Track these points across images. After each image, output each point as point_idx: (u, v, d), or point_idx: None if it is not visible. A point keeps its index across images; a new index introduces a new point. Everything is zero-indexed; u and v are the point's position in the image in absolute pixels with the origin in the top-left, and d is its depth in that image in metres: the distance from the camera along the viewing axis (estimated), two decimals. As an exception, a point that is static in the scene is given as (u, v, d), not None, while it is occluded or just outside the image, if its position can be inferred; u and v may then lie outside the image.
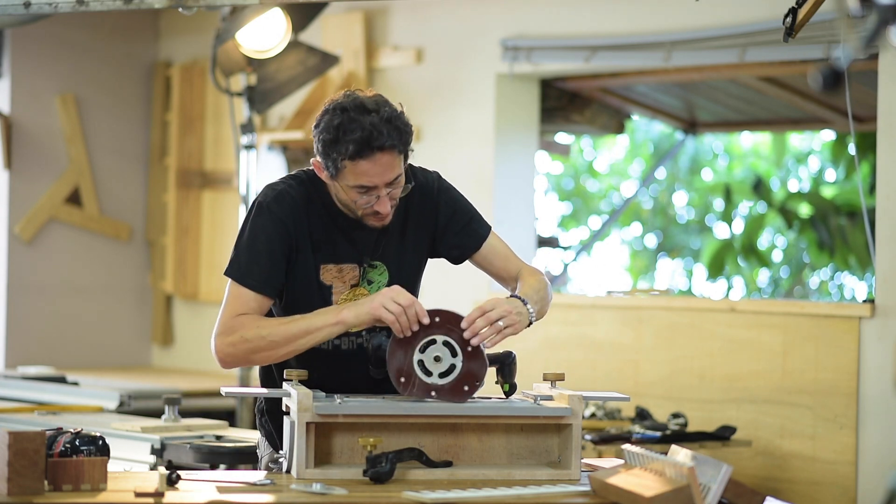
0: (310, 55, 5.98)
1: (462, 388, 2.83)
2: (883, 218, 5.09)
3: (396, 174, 2.88)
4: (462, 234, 3.09)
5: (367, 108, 2.84)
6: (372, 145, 2.82)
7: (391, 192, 2.90)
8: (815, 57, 5.50)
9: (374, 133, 2.82)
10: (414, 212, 3.05)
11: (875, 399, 5.06)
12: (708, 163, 12.81)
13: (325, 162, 2.89)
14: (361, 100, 2.86)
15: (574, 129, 7.71)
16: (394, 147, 2.84)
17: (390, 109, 2.87)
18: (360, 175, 2.85)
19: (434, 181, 3.08)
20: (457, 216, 3.08)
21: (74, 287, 7.41)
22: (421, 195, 3.05)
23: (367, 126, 2.82)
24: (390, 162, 2.86)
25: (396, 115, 2.87)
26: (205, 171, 7.56)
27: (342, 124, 2.84)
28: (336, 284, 2.97)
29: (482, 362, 2.84)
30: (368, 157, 2.83)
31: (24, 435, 2.50)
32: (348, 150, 2.83)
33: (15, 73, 7.16)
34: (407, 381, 2.82)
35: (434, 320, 2.83)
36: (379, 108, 2.85)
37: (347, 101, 2.86)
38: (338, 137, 2.84)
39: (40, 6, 4.02)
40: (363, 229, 2.98)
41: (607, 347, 5.79)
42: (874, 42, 1.94)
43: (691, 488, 2.46)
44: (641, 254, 12.98)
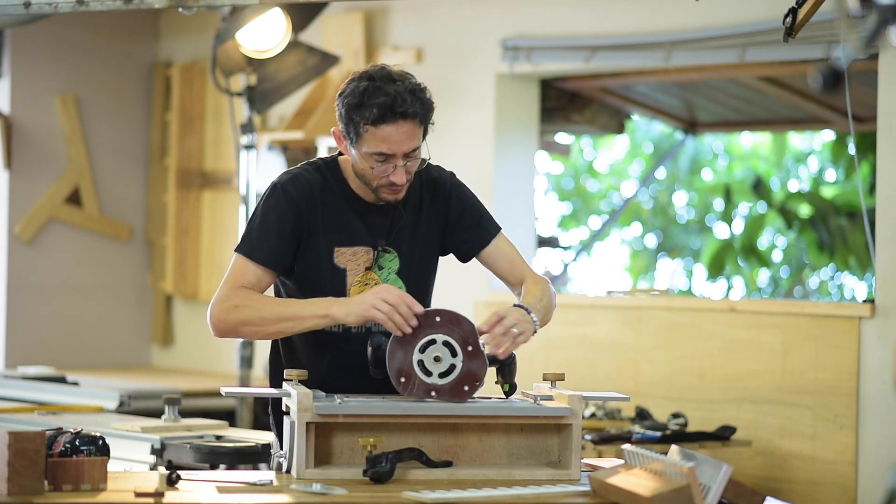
0: (310, 55, 5.98)
1: (462, 388, 2.83)
2: (883, 218, 5.09)
3: (415, 145, 2.95)
4: (471, 230, 3.13)
5: (392, 78, 2.93)
6: (395, 110, 2.90)
7: (408, 165, 2.97)
8: (815, 57, 5.50)
9: (398, 99, 2.90)
10: (427, 205, 3.11)
11: (875, 399, 5.06)
12: (708, 163, 12.81)
13: (347, 128, 2.95)
14: (388, 70, 2.96)
15: (574, 129, 7.71)
16: (416, 116, 2.92)
17: (415, 82, 2.96)
18: (380, 141, 2.92)
19: (448, 178, 3.15)
20: (467, 212, 3.13)
21: (74, 287, 7.41)
22: (435, 190, 3.12)
23: (391, 93, 2.90)
24: (410, 131, 2.93)
25: (420, 88, 2.96)
26: (205, 171, 7.56)
27: (367, 89, 2.91)
28: (350, 267, 3.03)
29: (482, 362, 2.84)
30: (391, 123, 2.91)
31: (24, 435, 2.50)
32: (371, 115, 2.90)
33: (15, 73, 7.16)
34: (407, 381, 2.82)
35: (435, 320, 2.83)
36: (404, 80, 2.94)
37: (374, 70, 2.96)
38: (362, 102, 2.91)
39: (40, 6, 4.02)
40: (378, 214, 3.05)
41: (607, 347, 5.79)
42: (874, 42, 1.94)
43: (691, 488, 2.46)
44: (641, 254, 12.98)
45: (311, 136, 6.69)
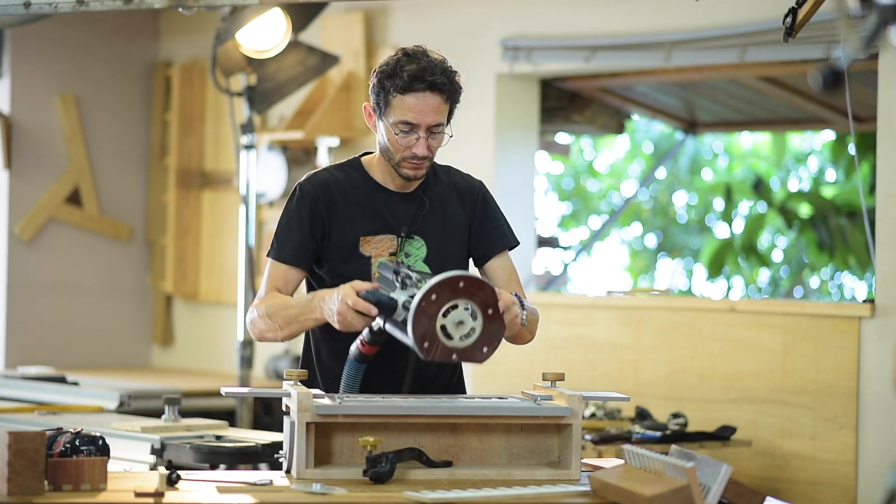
0: (310, 55, 5.98)
1: (481, 349, 2.85)
2: (883, 218, 5.09)
3: (439, 119, 3.09)
4: (487, 238, 3.23)
5: (427, 53, 3.10)
6: (424, 79, 3.05)
7: (430, 141, 3.09)
8: (815, 57, 5.50)
9: (427, 70, 3.06)
10: (454, 206, 3.22)
11: (875, 399, 5.06)
12: (708, 163, 12.81)
13: (377, 99, 3.10)
14: (424, 48, 3.12)
15: (574, 129, 7.71)
16: (443, 89, 3.07)
17: (448, 64, 3.12)
18: (406, 110, 3.06)
19: (478, 185, 3.29)
20: (489, 221, 3.24)
21: (74, 287, 7.41)
22: (462, 193, 3.24)
23: (423, 65, 3.07)
24: (436, 104, 3.07)
25: (452, 69, 3.13)
26: (205, 171, 7.56)
27: (400, 60, 3.08)
28: (374, 254, 3.14)
29: (500, 325, 2.86)
30: (418, 91, 3.05)
31: (24, 435, 2.50)
32: (401, 82, 3.05)
33: (15, 73, 7.16)
34: (431, 345, 2.83)
35: (458, 285, 2.84)
36: (436, 58, 3.11)
37: (410, 49, 3.12)
38: (394, 71, 3.06)
39: (40, 6, 4.02)
40: (403, 203, 3.16)
41: (607, 347, 5.79)
42: (874, 42, 1.94)
43: (691, 488, 2.46)
44: (641, 254, 12.98)
45: (311, 136, 6.69)
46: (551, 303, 6.03)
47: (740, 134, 11.89)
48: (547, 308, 5.92)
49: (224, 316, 7.34)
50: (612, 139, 12.36)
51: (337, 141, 6.74)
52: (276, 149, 6.94)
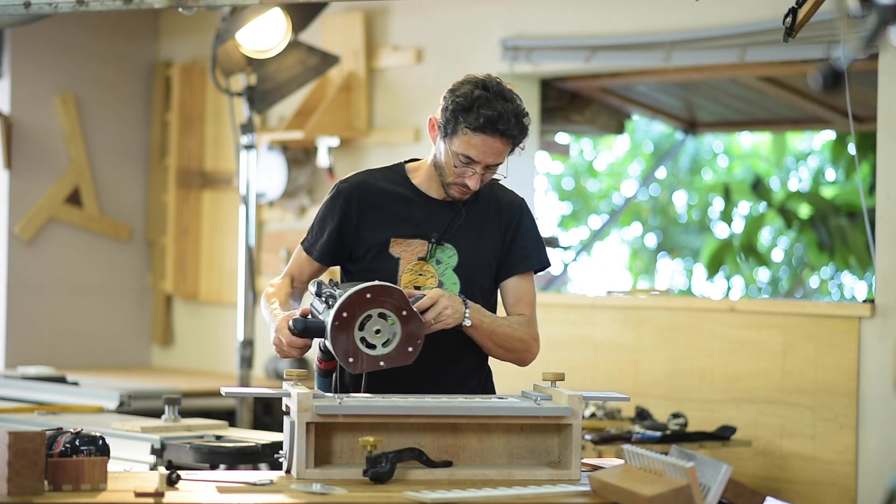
0: (310, 55, 5.98)
1: (406, 350, 2.91)
2: (883, 218, 5.09)
3: (499, 161, 3.15)
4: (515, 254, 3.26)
5: (504, 96, 3.12)
6: (497, 127, 3.09)
7: (485, 175, 3.15)
8: (815, 57, 5.50)
9: (503, 118, 3.09)
10: (492, 218, 3.26)
11: (875, 399, 5.06)
12: (708, 163, 12.81)
13: (446, 123, 3.13)
14: (503, 87, 3.14)
15: (574, 129, 7.71)
16: (512, 138, 3.12)
17: (522, 107, 3.15)
18: (471, 147, 3.11)
19: (519, 202, 3.33)
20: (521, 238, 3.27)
21: (74, 287, 7.41)
22: (501, 207, 3.28)
23: (500, 110, 3.09)
24: (501, 148, 3.12)
25: (524, 113, 3.15)
26: (205, 171, 7.56)
27: (480, 98, 3.10)
28: (404, 257, 3.18)
29: (419, 322, 2.93)
30: (488, 135, 3.10)
31: (24, 435, 2.50)
32: (475, 122, 3.09)
33: (15, 73, 7.16)
34: (355, 359, 2.91)
35: (365, 297, 2.89)
36: (514, 101, 3.13)
37: (491, 82, 3.14)
38: (472, 108, 3.09)
39: (40, 6, 4.02)
40: (440, 211, 3.21)
41: (607, 347, 5.79)
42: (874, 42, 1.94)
43: (691, 488, 2.46)
44: (641, 254, 12.98)
45: (311, 136, 6.69)
46: (551, 303, 6.03)
47: (740, 134, 11.89)
48: (547, 308, 5.92)
49: (224, 316, 7.34)
50: (612, 139, 12.36)
51: (337, 141, 6.74)
52: (276, 149, 6.94)
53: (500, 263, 3.26)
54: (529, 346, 3.23)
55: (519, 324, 3.20)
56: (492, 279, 3.25)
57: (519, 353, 3.22)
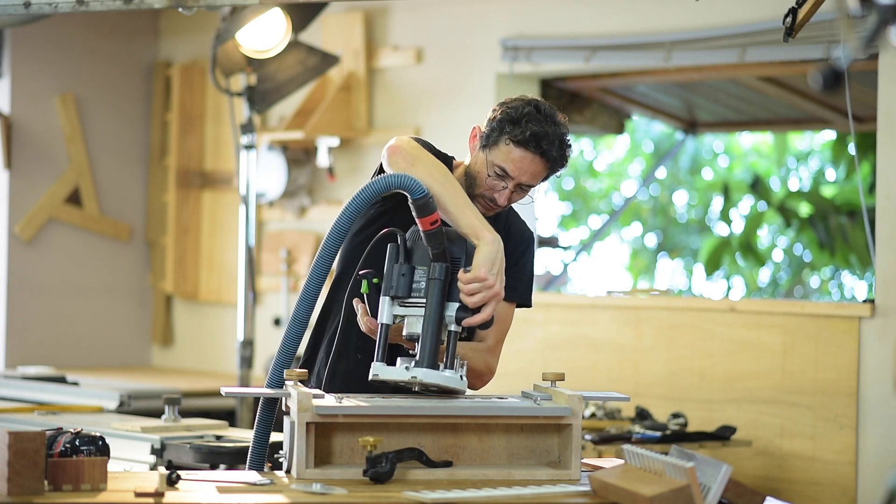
0: (310, 55, 5.99)
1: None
2: (883, 218, 5.09)
3: (533, 182, 3.15)
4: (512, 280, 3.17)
5: (554, 120, 3.14)
6: (539, 145, 3.09)
7: (514, 194, 3.14)
8: (815, 57, 5.50)
9: (547, 138, 3.09)
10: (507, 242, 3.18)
11: (875, 399, 5.06)
12: (708, 163, 12.81)
13: (490, 132, 3.13)
14: (555, 112, 3.16)
15: (574, 129, 7.71)
16: (551, 161, 3.12)
17: (567, 135, 3.15)
18: (509, 160, 3.10)
19: (529, 235, 3.33)
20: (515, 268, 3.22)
21: (74, 287, 7.41)
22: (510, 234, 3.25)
23: (546, 131, 3.10)
24: (538, 168, 3.12)
25: (569, 144, 3.16)
26: (205, 171, 7.56)
27: (529, 115, 3.12)
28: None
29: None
30: (529, 151, 3.10)
31: (24, 435, 2.50)
32: (520, 136, 3.09)
33: (15, 73, 7.16)
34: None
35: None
36: (561, 126, 3.14)
37: (544, 105, 3.16)
38: (519, 121, 3.11)
39: (40, 6, 4.02)
40: None
41: (607, 347, 5.79)
42: (874, 42, 1.94)
43: (691, 488, 2.46)
44: (641, 254, 12.98)
45: (311, 136, 6.69)
46: (551, 303, 6.03)
47: (740, 134, 11.89)
48: (547, 308, 5.92)
49: (224, 316, 7.34)
50: (612, 139, 12.37)
51: (337, 141, 6.75)
52: (276, 149, 6.94)
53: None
54: (480, 374, 3.18)
55: (475, 351, 3.15)
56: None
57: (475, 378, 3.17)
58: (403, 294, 2.89)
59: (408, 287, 2.89)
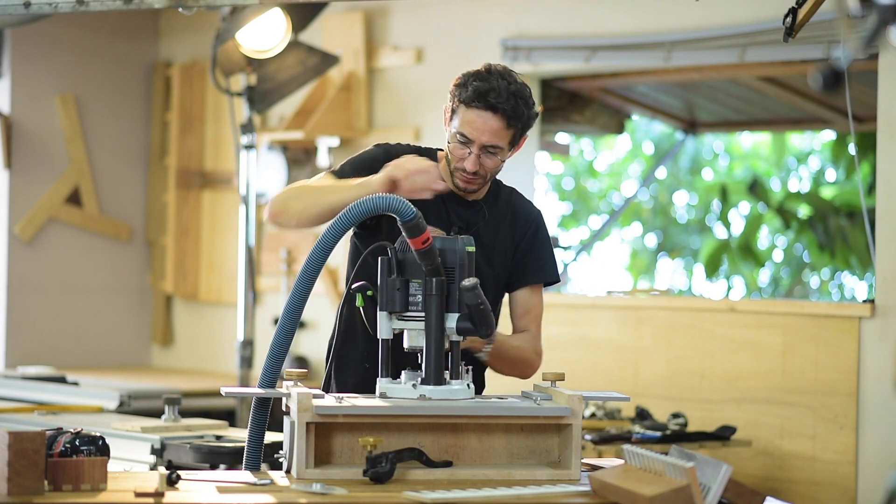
0: (310, 55, 5.98)
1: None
2: (883, 218, 5.09)
3: (495, 141, 3.09)
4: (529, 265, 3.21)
5: (504, 77, 3.10)
6: (487, 100, 3.05)
7: (484, 161, 3.09)
8: (815, 57, 5.50)
9: (494, 92, 3.06)
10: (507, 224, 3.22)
11: (875, 399, 5.06)
12: (708, 163, 12.81)
13: (451, 104, 3.13)
14: (507, 70, 3.13)
15: (574, 129, 7.72)
16: (506, 115, 3.06)
17: (523, 89, 3.11)
18: (465, 123, 3.08)
19: (537, 212, 3.28)
20: (535, 250, 3.22)
21: (74, 287, 7.41)
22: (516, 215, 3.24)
23: (492, 86, 3.07)
24: (496, 126, 3.07)
25: (525, 95, 3.10)
26: (205, 171, 7.56)
27: (476, 75, 3.10)
28: None
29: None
30: (478, 109, 3.06)
31: (24, 435, 2.50)
32: (466, 95, 3.07)
33: (15, 73, 7.16)
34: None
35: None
36: (512, 81, 3.09)
37: (496, 66, 3.14)
38: (466, 82, 3.10)
39: (40, 6, 4.02)
40: (462, 206, 3.18)
41: (607, 347, 5.79)
42: (874, 42, 1.94)
43: (691, 488, 2.46)
44: (641, 254, 12.98)
45: (311, 136, 6.69)
46: (551, 303, 6.01)
47: (740, 134, 11.89)
48: (547, 308, 5.88)
49: (224, 316, 7.34)
50: (612, 139, 12.36)
51: (337, 141, 6.75)
52: (276, 149, 6.94)
53: (512, 272, 3.23)
54: (533, 362, 3.21)
55: (525, 340, 3.19)
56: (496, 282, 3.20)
57: (522, 370, 3.20)
58: (401, 309, 2.90)
59: (404, 301, 2.90)
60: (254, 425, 2.97)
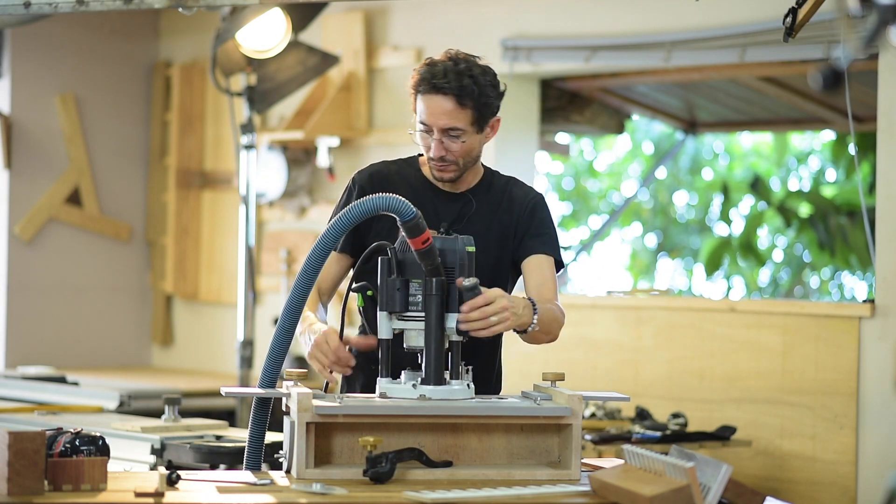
0: (310, 55, 5.98)
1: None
2: (883, 218, 5.09)
3: (451, 124, 3.11)
4: (529, 239, 3.20)
5: (451, 58, 3.13)
6: (431, 83, 3.09)
7: (449, 145, 3.11)
8: (815, 57, 5.50)
9: (436, 74, 3.09)
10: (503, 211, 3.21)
11: (875, 399, 5.06)
12: (708, 163, 12.81)
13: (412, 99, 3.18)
14: (458, 53, 3.16)
15: (574, 129, 7.71)
16: (451, 91, 3.08)
17: (473, 68, 3.14)
18: (421, 111, 3.13)
19: (535, 195, 3.26)
20: (535, 226, 3.21)
21: (74, 287, 7.41)
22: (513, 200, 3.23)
23: (437, 70, 3.10)
24: (448, 109, 3.09)
25: (475, 73, 3.14)
26: (205, 171, 7.56)
27: (425, 62, 3.14)
28: None
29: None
30: (427, 94, 3.10)
31: (24, 435, 2.50)
32: (415, 83, 3.12)
33: (15, 73, 7.16)
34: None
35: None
36: (459, 62, 3.13)
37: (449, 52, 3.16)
38: (417, 70, 3.14)
39: (40, 6, 4.02)
40: (450, 202, 3.18)
41: (607, 347, 5.79)
42: (874, 42, 1.94)
43: (691, 488, 2.46)
44: (641, 254, 12.98)
45: (311, 136, 6.69)
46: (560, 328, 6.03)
47: (740, 134, 11.89)
48: (547, 308, 5.92)
49: (224, 316, 7.34)
50: (612, 139, 12.36)
51: (337, 141, 6.75)
52: (276, 149, 6.94)
53: (515, 252, 3.20)
54: (562, 324, 3.17)
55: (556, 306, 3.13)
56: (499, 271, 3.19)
57: (555, 334, 3.15)
58: (401, 309, 2.90)
59: (404, 301, 2.90)
60: (254, 425, 2.97)
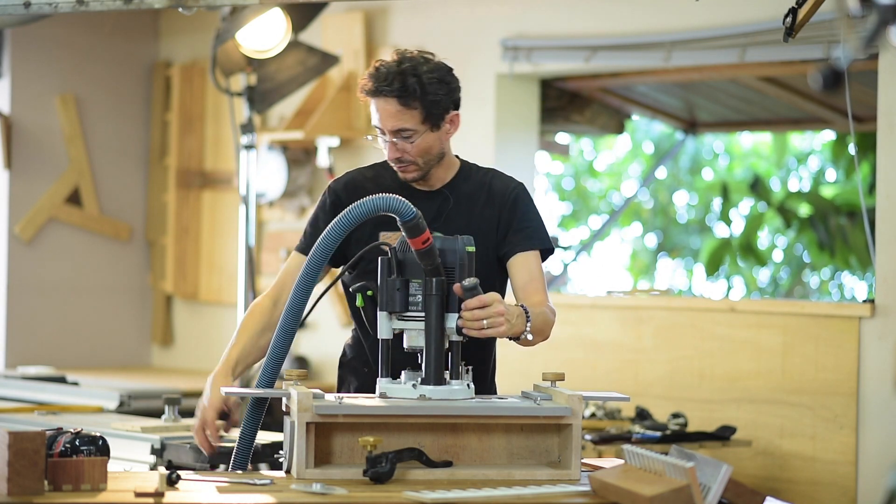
0: (310, 55, 5.98)
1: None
2: (883, 218, 5.09)
3: (400, 125, 3.08)
4: (514, 234, 3.17)
5: (397, 58, 3.09)
6: (372, 88, 3.06)
7: (400, 144, 3.08)
8: (815, 57, 5.50)
9: (378, 78, 3.05)
10: (482, 205, 3.19)
11: (875, 399, 5.06)
12: (708, 163, 12.81)
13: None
14: (407, 52, 3.12)
15: (574, 129, 7.71)
16: (392, 93, 3.04)
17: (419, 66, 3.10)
18: (373, 115, 3.10)
19: (515, 185, 3.22)
20: (518, 219, 3.18)
21: (74, 287, 7.40)
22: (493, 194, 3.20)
23: (377, 73, 3.06)
24: (393, 111, 3.06)
25: (420, 71, 3.10)
26: (205, 171, 7.56)
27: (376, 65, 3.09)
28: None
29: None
30: (374, 98, 3.07)
31: (24, 435, 2.50)
32: (361, 87, 3.09)
33: (15, 73, 7.16)
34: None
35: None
36: (404, 62, 3.08)
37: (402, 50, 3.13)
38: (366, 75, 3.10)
39: (40, 6, 4.02)
40: (427, 201, 3.14)
41: (607, 347, 5.79)
42: (874, 42, 1.94)
43: (691, 488, 2.46)
44: (641, 254, 12.98)
45: (311, 136, 6.69)
46: (551, 303, 6.02)
47: (740, 134, 11.89)
48: (547, 308, 5.92)
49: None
50: (612, 139, 12.36)
51: (337, 141, 6.74)
52: (276, 149, 6.94)
53: (501, 247, 3.17)
54: (553, 323, 3.14)
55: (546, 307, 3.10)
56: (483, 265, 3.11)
57: (547, 334, 3.12)
58: (401, 309, 2.90)
59: (404, 301, 2.90)
60: (247, 425, 2.98)
